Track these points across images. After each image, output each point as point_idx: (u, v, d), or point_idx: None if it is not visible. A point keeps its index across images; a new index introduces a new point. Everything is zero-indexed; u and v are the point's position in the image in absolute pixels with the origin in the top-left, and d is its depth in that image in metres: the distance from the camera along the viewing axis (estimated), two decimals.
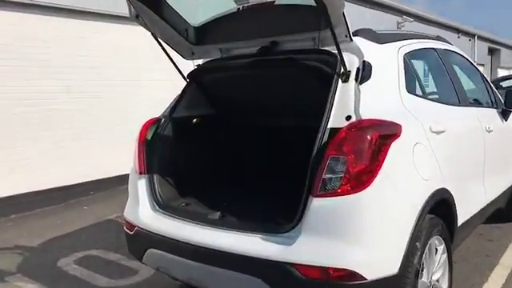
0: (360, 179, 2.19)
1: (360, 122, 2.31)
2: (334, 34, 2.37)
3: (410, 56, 3.01)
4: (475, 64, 4.31)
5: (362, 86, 2.48)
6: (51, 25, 6.55)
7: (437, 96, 3.21)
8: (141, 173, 3.03)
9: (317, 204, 2.22)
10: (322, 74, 2.56)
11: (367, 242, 2.20)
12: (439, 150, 2.75)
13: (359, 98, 2.41)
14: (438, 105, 3.13)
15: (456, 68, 3.73)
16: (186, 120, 3.27)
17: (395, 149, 2.32)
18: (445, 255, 2.81)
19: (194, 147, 3.32)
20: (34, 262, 4.37)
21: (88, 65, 6.94)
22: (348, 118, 2.34)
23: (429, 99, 3.04)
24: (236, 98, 3.41)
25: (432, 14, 17.63)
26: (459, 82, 3.62)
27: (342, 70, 2.48)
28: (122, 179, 6.96)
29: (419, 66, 3.14)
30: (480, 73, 4.32)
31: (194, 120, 3.35)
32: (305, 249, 2.23)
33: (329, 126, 2.35)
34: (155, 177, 3.01)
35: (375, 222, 2.22)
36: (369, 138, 2.23)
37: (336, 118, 2.36)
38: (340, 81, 2.47)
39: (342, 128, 2.29)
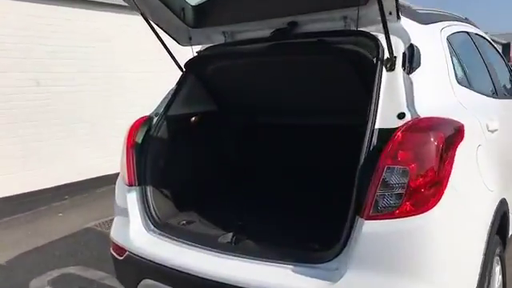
0: (424, 195, 1.71)
1: (419, 120, 1.82)
2: (381, 10, 1.86)
3: (451, 40, 2.55)
4: (499, 50, 3.88)
5: (412, 76, 1.99)
6: (26, 11, 5.83)
7: (479, 87, 2.75)
8: (130, 184, 2.50)
9: (369, 228, 1.73)
10: (360, 61, 2.08)
11: (435, 277, 1.72)
12: (496, 153, 2.31)
13: (412, 91, 1.92)
14: (485, 98, 2.69)
15: (487, 55, 3.28)
16: (183, 118, 2.73)
17: (460, 154, 1.84)
18: (500, 277, 2.37)
19: (195, 151, 2.78)
20: (1, 284, 3.76)
21: (66, 56, 6.24)
22: (401, 115, 1.85)
23: (475, 91, 2.58)
24: (245, 92, 2.87)
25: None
26: (494, 70, 3.19)
27: (387, 55, 1.98)
28: (101, 180, 6.59)
29: (459, 51, 2.66)
30: (504, 60, 3.90)
31: (193, 118, 2.80)
32: (353, 286, 1.73)
33: (377, 127, 1.85)
34: (148, 189, 2.48)
35: (444, 250, 1.74)
36: (433, 140, 1.75)
37: (385, 117, 1.87)
38: (384, 69, 1.98)
39: (395, 129, 1.80)
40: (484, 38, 3.51)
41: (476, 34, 3.29)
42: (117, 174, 2.70)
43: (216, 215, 2.54)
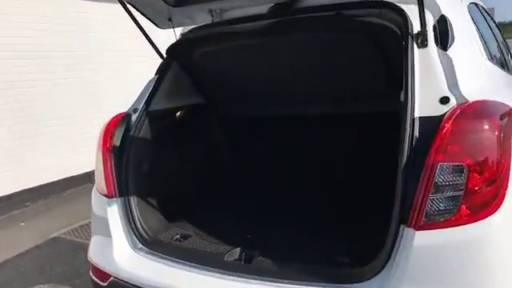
0: (485, 196, 1.42)
1: (468, 106, 1.52)
2: None
3: (469, 11, 2.27)
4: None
5: (449, 53, 1.69)
6: None
7: (499, 63, 2.50)
8: (110, 195, 2.11)
9: (421, 240, 1.43)
10: (387, 37, 1.78)
11: None
12: None
13: (453, 70, 1.64)
14: (507, 74, 2.42)
15: (494, 28, 3.05)
16: (167, 114, 2.35)
17: None
18: None
19: (184, 152, 2.40)
20: None
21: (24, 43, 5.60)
22: (444, 100, 1.56)
23: (499, 67, 2.32)
24: (238, 80, 2.49)
25: None
26: (504, 45, 2.96)
27: (417, 29, 1.68)
28: (65, 182, 6.08)
29: (477, 24, 2.38)
30: (502, 35, 3.69)
31: (178, 113, 2.41)
32: None
33: (417, 115, 1.54)
34: (132, 199, 2.11)
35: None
36: (490, 128, 1.46)
37: (425, 103, 1.57)
38: (415, 46, 1.67)
39: (441, 117, 1.50)
40: (486, 11, 3.28)
41: (482, 6, 3.04)
42: (83, 175, 2.32)
43: (215, 226, 2.18)
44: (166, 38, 2.36)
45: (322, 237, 1.98)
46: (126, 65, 6.52)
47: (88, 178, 6.06)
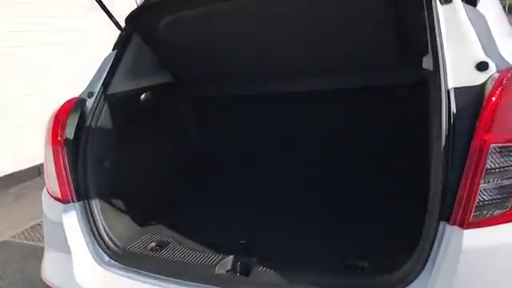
0: None
1: None
2: None
3: None
4: None
5: (480, 10, 1.43)
6: None
7: None
8: (66, 200, 1.75)
9: (470, 241, 1.16)
10: None
11: None
12: None
13: (488, 30, 1.37)
14: None
15: None
16: (130, 97, 1.98)
17: None
18: None
19: (153, 142, 2.05)
20: None
21: None
22: (482, 66, 1.29)
23: None
24: (214, 51, 2.12)
25: None
26: None
27: None
28: (9, 179, 5.58)
29: None
30: None
31: (143, 96, 2.04)
32: None
33: (451, 86, 1.26)
34: (94, 203, 1.77)
35: None
36: None
37: (458, 70, 1.30)
38: (438, 1, 1.40)
39: (481, 87, 1.24)
40: None
41: None
42: (31, 169, 1.95)
43: (198, 230, 1.84)
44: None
45: (332, 239, 1.68)
46: (80, 44, 5.98)
47: (37, 171, 5.61)
